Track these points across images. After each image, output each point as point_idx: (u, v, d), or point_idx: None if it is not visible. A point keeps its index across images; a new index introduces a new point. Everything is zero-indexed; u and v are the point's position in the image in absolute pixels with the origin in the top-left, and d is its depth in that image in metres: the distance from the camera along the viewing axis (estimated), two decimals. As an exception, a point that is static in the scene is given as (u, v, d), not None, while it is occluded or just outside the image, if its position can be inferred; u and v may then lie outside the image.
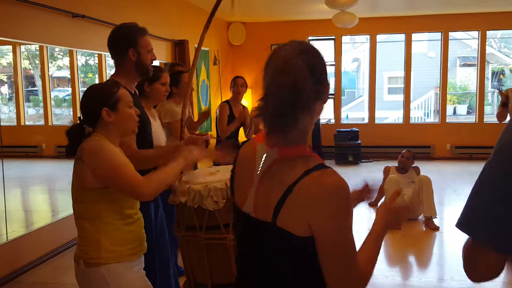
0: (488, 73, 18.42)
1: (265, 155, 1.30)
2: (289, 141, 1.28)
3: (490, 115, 13.55)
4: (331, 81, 10.97)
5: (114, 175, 1.97)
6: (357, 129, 9.89)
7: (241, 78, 5.14)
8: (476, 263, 1.12)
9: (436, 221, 5.50)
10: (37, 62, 11.38)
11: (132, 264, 2.06)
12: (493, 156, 1.08)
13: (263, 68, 1.29)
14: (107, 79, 2.65)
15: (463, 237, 1.15)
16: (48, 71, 9.26)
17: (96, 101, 2.06)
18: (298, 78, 1.21)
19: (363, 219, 5.90)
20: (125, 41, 2.54)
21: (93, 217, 2.01)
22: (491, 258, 1.09)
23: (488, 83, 18.19)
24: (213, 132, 6.85)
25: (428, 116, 15.85)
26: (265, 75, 1.27)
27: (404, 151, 6.11)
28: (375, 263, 1.36)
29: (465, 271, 1.14)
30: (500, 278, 4.11)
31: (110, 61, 2.74)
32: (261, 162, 1.30)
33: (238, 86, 5.06)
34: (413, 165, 6.08)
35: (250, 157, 1.35)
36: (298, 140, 1.29)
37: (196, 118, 5.71)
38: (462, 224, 1.13)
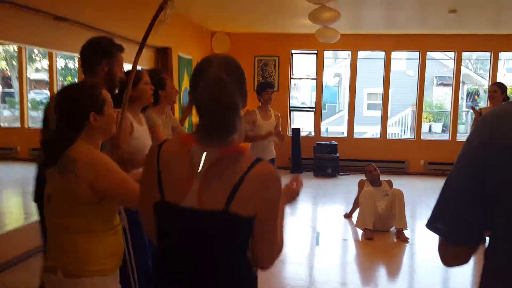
0: (463, 93, 18.83)
1: (204, 154, 1.42)
2: (227, 142, 1.42)
3: (464, 134, 13.87)
4: (313, 94, 11.08)
5: (119, 190, 1.89)
6: (336, 143, 10.02)
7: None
8: (444, 253, 1.25)
9: (407, 233, 5.62)
10: (14, 63, 11.26)
11: (114, 277, 2.01)
12: (460, 158, 1.18)
13: (191, 81, 1.46)
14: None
15: (433, 249, 1.30)
16: (26, 73, 9.16)
17: (82, 105, 1.92)
18: (231, 97, 1.40)
19: (339, 229, 6.00)
20: (102, 51, 2.57)
21: (82, 230, 1.90)
22: (455, 249, 1.23)
23: (463, 103, 18.59)
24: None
25: (404, 132, 16.13)
26: (196, 90, 1.43)
27: (366, 165, 6.25)
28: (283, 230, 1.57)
29: (440, 258, 1.28)
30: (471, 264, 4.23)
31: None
32: (202, 161, 1.41)
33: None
34: (386, 179, 6.21)
35: (183, 157, 1.44)
36: (235, 140, 1.44)
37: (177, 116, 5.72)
38: (428, 223, 1.26)
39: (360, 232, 5.75)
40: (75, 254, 1.90)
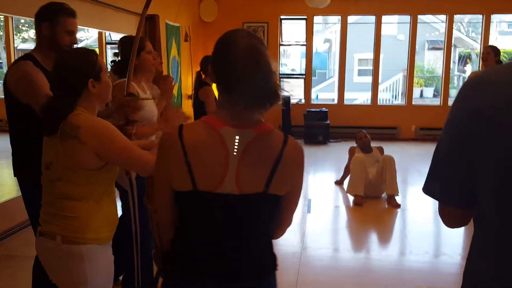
0: (455, 57, 18.81)
1: (237, 136, 1.37)
2: (256, 120, 1.40)
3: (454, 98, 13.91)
4: (303, 61, 11.02)
5: (126, 155, 1.94)
6: (327, 110, 10.03)
7: None
8: (443, 214, 1.29)
9: (398, 199, 5.69)
10: (1, 33, 11.04)
11: (108, 246, 2.04)
12: (445, 124, 1.20)
13: (215, 56, 1.41)
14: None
15: (424, 215, 1.34)
16: (14, 43, 9.00)
17: (81, 72, 1.93)
18: (269, 63, 1.37)
19: (330, 196, 6.06)
20: (42, 15, 2.54)
21: (83, 197, 1.93)
22: (450, 211, 1.27)
23: (455, 67, 18.59)
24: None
25: (395, 98, 16.16)
26: (225, 63, 1.36)
27: (357, 132, 6.28)
28: None
29: (441, 219, 1.32)
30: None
31: (78, 35, 2.71)
32: (236, 144, 1.37)
33: None
34: (377, 146, 6.24)
35: (214, 142, 1.38)
36: (258, 118, 1.41)
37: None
38: (424, 187, 1.29)
39: (351, 198, 5.81)
40: (76, 221, 1.93)
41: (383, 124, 10.23)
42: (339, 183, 6.53)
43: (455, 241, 4.58)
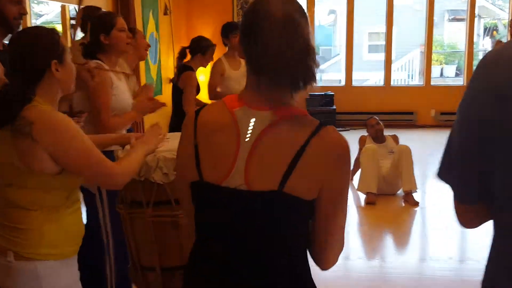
0: (480, 29, 18.79)
1: (253, 119, 1.34)
2: (280, 101, 1.35)
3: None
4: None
5: (85, 161, 1.87)
6: (332, 93, 10.02)
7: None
8: (457, 211, 1.29)
9: (416, 196, 5.69)
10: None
11: (71, 262, 2.01)
12: (458, 108, 1.23)
13: (246, 29, 1.35)
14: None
15: (446, 213, 1.35)
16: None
17: (41, 52, 1.88)
18: (306, 39, 1.32)
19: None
20: None
21: (37, 205, 1.89)
22: (467, 210, 1.27)
23: (480, 41, 18.59)
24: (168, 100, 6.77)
25: (412, 78, 16.15)
26: (254, 37, 1.32)
27: (368, 118, 6.26)
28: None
29: (457, 219, 1.33)
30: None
31: (36, 8, 2.66)
32: (250, 128, 1.34)
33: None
34: (391, 134, 6.24)
35: (226, 124, 1.36)
36: (287, 100, 1.36)
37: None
38: (438, 172, 1.30)
39: (362, 196, 5.81)
40: (29, 234, 1.88)
41: (398, 108, 10.22)
42: (347, 178, 6.51)
43: (482, 244, 4.57)
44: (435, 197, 5.83)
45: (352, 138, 8.12)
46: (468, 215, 1.28)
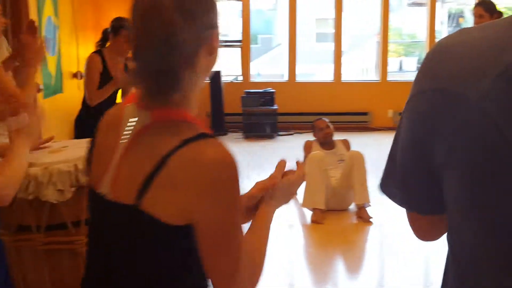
0: (444, 16, 19.41)
1: (135, 119, 1.39)
2: (169, 103, 1.37)
3: (445, 72, 14.32)
4: (238, 22, 11.02)
5: None
6: (273, 90, 10.08)
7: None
8: (411, 222, 1.31)
9: (371, 211, 5.77)
10: None
11: None
12: (405, 105, 1.25)
13: (129, 11, 1.39)
14: None
15: (407, 230, 1.36)
16: None
17: None
18: (172, 23, 1.31)
19: (280, 210, 6.05)
20: None
21: None
22: (420, 220, 1.29)
23: (444, 29, 19.20)
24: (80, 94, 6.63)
25: (366, 72, 16.49)
26: (132, 20, 1.38)
27: (315, 120, 6.32)
28: (265, 254, 1.56)
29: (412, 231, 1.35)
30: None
31: None
32: (129, 128, 1.39)
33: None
34: (341, 139, 6.30)
35: (116, 122, 1.43)
36: (179, 102, 1.38)
37: None
38: (380, 184, 1.33)
39: (308, 213, 5.83)
40: None
41: (350, 108, 10.40)
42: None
43: (448, 265, 4.68)
44: (393, 212, 5.91)
45: (297, 144, 8.19)
46: (422, 225, 1.30)
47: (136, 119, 1.39)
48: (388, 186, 1.31)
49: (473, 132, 1.06)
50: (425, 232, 1.32)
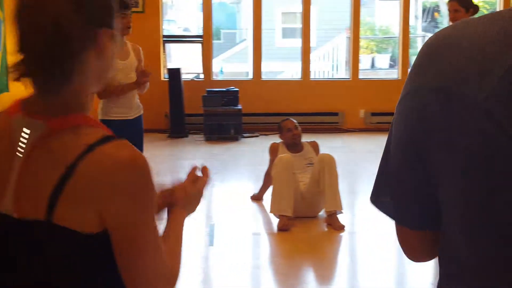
0: (418, 10, 19.62)
1: (27, 130, 1.37)
2: (61, 108, 1.37)
3: (420, 70, 14.45)
4: (199, 16, 10.96)
5: None
6: (237, 89, 10.05)
7: None
8: (402, 240, 1.29)
9: (342, 218, 5.78)
10: None
11: None
12: (396, 106, 1.23)
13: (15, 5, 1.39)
14: None
15: (381, 239, 1.34)
16: None
17: None
18: (59, 18, 1.32)
19: (244, 218, 6.04)
20: None
21: None
22: (411, 236, 1.26)
23: (418, 24, 19.39)
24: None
25: (336, 70, 16.56)
26: (17, 9, 1.37)
27: (282, 120, 6.31)
28: (180, 259, 1.58)
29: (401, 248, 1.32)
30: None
31: None
32: (23, 140, 1.37)
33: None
34: (309, 141, 6.29)
35: (2, 137, 1.41)
36: (73, 106, 1.39)
37: None
38: (372, 196, 1.30)
39: (275, 220, 5.82)
40: None
41: (319, 108, 10.43)
42: (257, 198, 6.52)
43: (426, 275, 4.70)
44: (366, 221, 5.94)
45: (262, 146, 8.17)
46: (413, 243, 1.28)
47: (28, 131, 1.37)
48: (379, 197, 1.28)
49: (474, 134, 1.04)
50: (416, 251, 1.30)
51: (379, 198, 1.28)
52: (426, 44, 1.19)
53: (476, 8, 5.90)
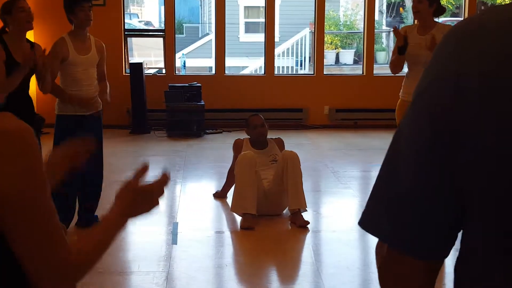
0: (383, 5, 19.76)
1: None
2: None
3: (384, 65, 14.61)
4: (161, 9, 10.87)
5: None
6: (200, 84, 10.03)
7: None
8: (391, 275, 1.16)
9: (306, 216, 5.81)
10: None
11: None
12: (410, 107, 1.12)
13: None
14: None
15: (345, 237, 1.23)
16: None
17: None
18: None
19: (207, 216, 6.04)
20: None
21: None
22: (409, 267, 1.13)
23: (383, 19, 19.54)
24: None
25: (301, 66, 16.61)
26: None
27: (251, 115, 6.32)
28: (101, 254, 1.53)
29: (378, 278, 1.18)
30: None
31: None
32: None
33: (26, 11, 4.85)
34: (273, 137, 6.31)
35: None
36: None
37: None
38: (363, 220, 1.17)
39: (238, 219, 5.83)
40: None
41: (283, 104, 10.45)
42: (220, 196, 6.52)
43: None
44: (331, 218, 5.98)
45: (226, 143, 8.17)
46: (409, 275, 1.13)
47: None
48: (375, 216, 1.15)
49: None
50: (412, 285, 1.14)
51: (374, 222, 1.15)
52: (457, 30, 1.10)
53: (436, 1, 5.80)
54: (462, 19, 1.16)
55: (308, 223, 5.65)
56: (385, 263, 1.15)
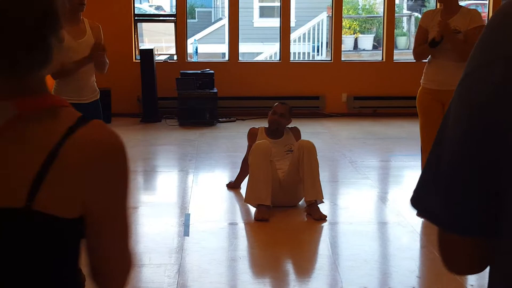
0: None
1: None
2: (28, 88, 1.36)
3: (406, 51, 14.51)
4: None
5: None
6: (212, 71, 10.03)
7: None
8: (446, 249, 1.20)
9: (323, 208, 5.82)
10: None
11: None
12: (455, 92, 1.14)
13: None
14: None
15: (364, 230, 1.26)
16: None
17: None
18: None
19: (220, 207, 6.06)
20: None
21: None
22: (459, 245, 1.16)
23: (403, 3, 19.41)
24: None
25: (318, 52, 16.54)
26: None
27: (276, 104, 6.31)
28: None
29: (441, 259, 1.22)
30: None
31: None
32: None
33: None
34: (290, 126, 6.30)
35: None
36: (40, 86, 1.40)
37: None
38: (413, 198, 1.20)
39: (252, 210, 5.84)
40: None
41: (299, 92, 10.42)
42: (234, 186, 6.53)
43: (409, 270, 4.75)
44: (349, 210, 5.98)
45: (240, 132, 8.16)
46: (460, 252, 1.17)
47: None
48: (424, 197, 1.18)
49: None
50: (463, 263, 1.19)
51: (423, 200, 1.18)
52: (501, 13, 1.09)
53: None
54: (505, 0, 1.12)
55: (326, 217, 5.66)
56: (441, 239, 1.19)
